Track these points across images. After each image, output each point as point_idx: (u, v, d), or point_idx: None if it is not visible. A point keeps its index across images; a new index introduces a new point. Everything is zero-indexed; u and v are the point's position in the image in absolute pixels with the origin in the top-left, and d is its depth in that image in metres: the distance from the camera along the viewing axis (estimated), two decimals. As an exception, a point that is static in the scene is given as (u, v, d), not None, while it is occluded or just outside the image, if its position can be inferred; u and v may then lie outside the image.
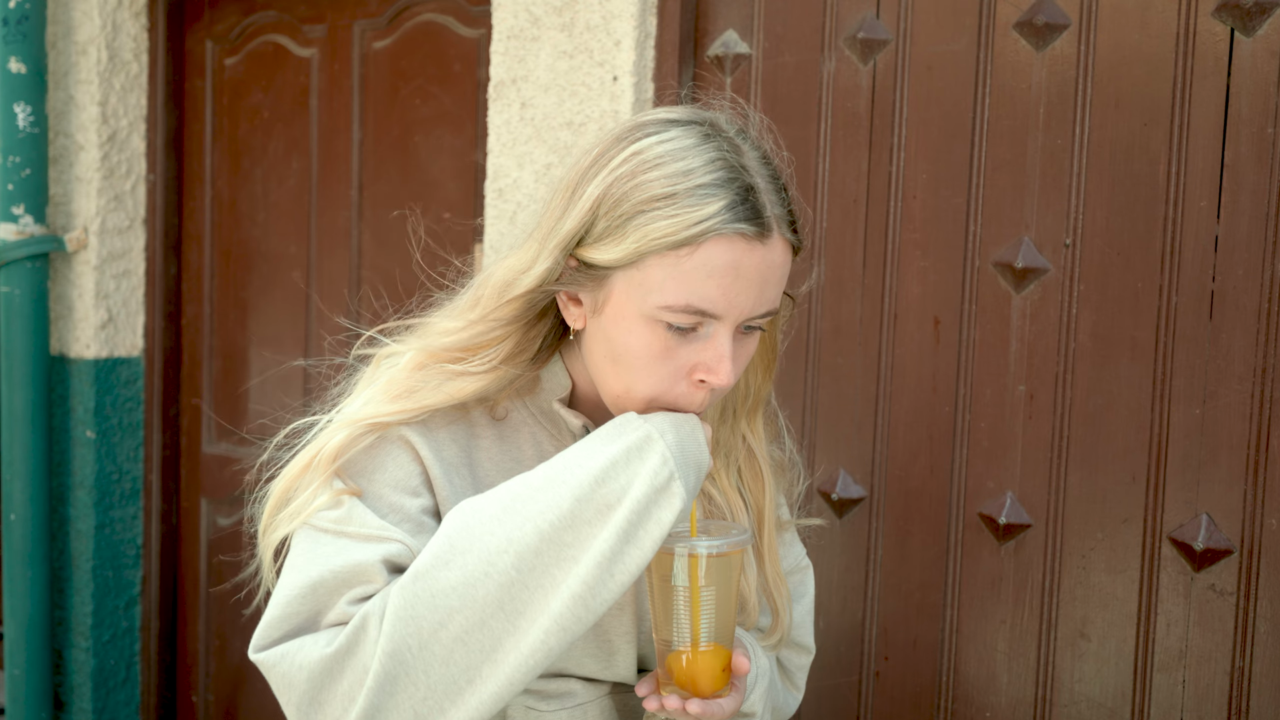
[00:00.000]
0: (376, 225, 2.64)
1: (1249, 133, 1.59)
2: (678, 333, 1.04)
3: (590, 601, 0.96)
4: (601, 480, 0.98)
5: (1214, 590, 1.64)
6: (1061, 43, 1.72)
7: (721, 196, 1.02)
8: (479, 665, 0.96)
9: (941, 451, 1.84)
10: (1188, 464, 1.65)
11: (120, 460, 2.99)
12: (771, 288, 1.06)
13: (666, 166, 1.04)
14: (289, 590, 1.03)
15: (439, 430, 1.12)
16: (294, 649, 1.00)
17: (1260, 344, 1.60)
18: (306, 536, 1.07)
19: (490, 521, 0.99)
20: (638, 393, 1.07)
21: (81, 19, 2.86)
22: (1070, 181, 1.72)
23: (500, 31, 2.15)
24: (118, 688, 3.03)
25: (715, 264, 1.02)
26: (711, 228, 1.01)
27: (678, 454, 1.00)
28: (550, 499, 0.98)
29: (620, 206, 1.04)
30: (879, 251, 1.88)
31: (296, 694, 0.99)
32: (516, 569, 0.96)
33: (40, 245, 2.83)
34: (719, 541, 1.07)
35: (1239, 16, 1.59)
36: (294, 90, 2.77)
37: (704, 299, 1.03)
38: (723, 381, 1.05)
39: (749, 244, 1.03)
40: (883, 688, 1.92)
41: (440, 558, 0.98)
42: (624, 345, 1.06)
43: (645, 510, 0.97)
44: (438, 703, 0.96)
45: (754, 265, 1.04)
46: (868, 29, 1.87)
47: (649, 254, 1.03)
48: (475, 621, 0.96)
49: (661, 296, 1.03)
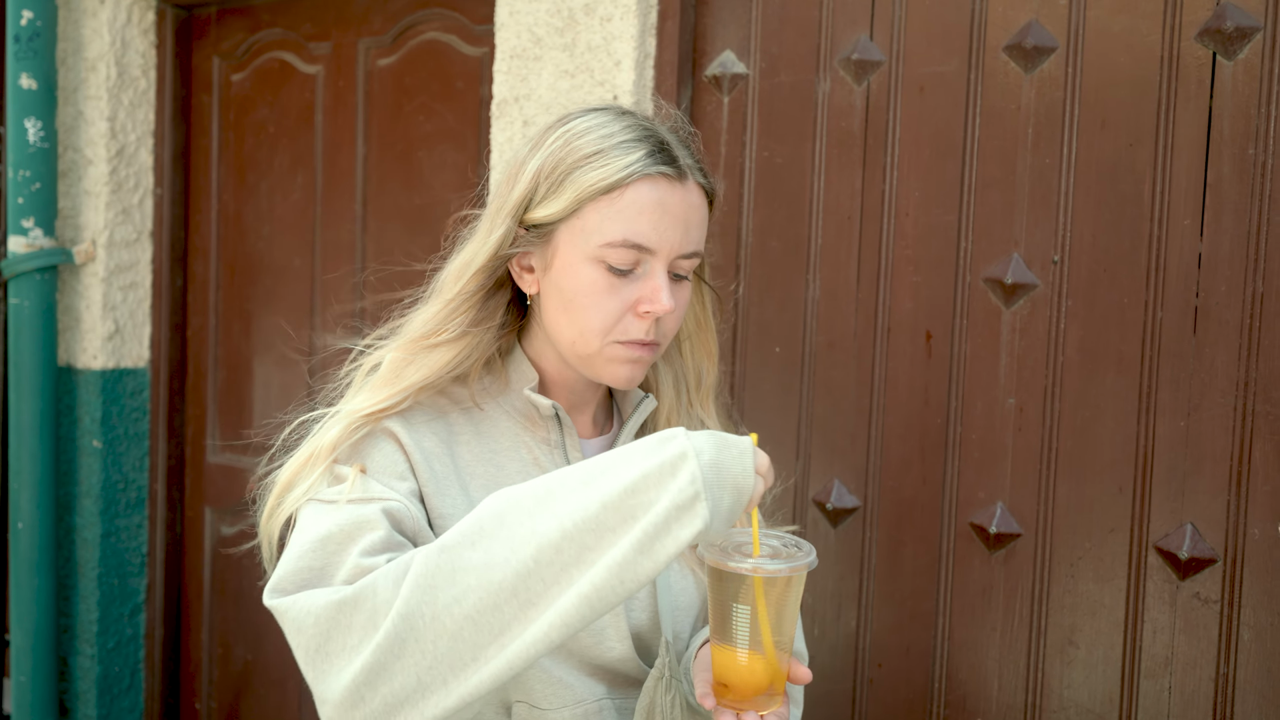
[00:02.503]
0: (380, 239, 2.68)
1: (1231, 153, 1.63)
2: (619, 274, 1.19)
3: (596, 603, 0.99)
4: (631, 491, 1.01)
5: (1199, 598, 1.68)
6: (1050, 65, 1.76)
7: (642, 147, 1.20)
8: (485, 645, 0.99)
9: (933, 462, 1.87)
10: (1173, 475, 1.68)
11: (126, 469, 3.01)
12: (695, 228, 1.23)
13: (593, 133, 1.21)
14: (300, 545, 1.09)
15: (420, 426, 1.22)
16: (306, 595, 1.04)
17: (1242, 358, 1.63)
18: (311, 508, 1.14)
19: (522, 512, 1.02)
20: (590, 331, 1.21)
21: (91, 36, 2.90)
22: (1058, 200, 1.76)
23: (503, 50, 2.19)
24: (122, 695, 3.06)
25: (644, 201, 1.19)
26: (637, 170, 1.18)
27: (711, 474, 1.03)
28: (581, 500, 1.01)
29: (557, 169, 1.21)
30: (872, 267, 1.92)
31: (305, 637, 1.02)
32: (535, 560, 0.99)
33: (49, 258, 2.87)
34: (783, 566, 1.08)
35: (1221, 41, 1.63)
36: (299, 106, 2.81)
37: (638, 233, 1.18)
38: (661, 307, 1.19)
39: (670, 184, 1.20)
40: (876, 695, 1.95)
41: (468, 537, 1.02)
42: (573, 290, 1.21)
43: (665, 526, 1.00)
44: (441, 675, 0.98)
45: (677, 203, 1.20)
46: (861, 50, 1.91)
47: (586, 201, 1.19)
48: (489, 603, 0.99)
49: (601, 235, 1.19)
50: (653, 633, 1.27)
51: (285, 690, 2.90)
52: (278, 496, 1.19)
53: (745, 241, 2.03)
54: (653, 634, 1.27)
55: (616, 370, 1.23)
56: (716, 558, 1.09)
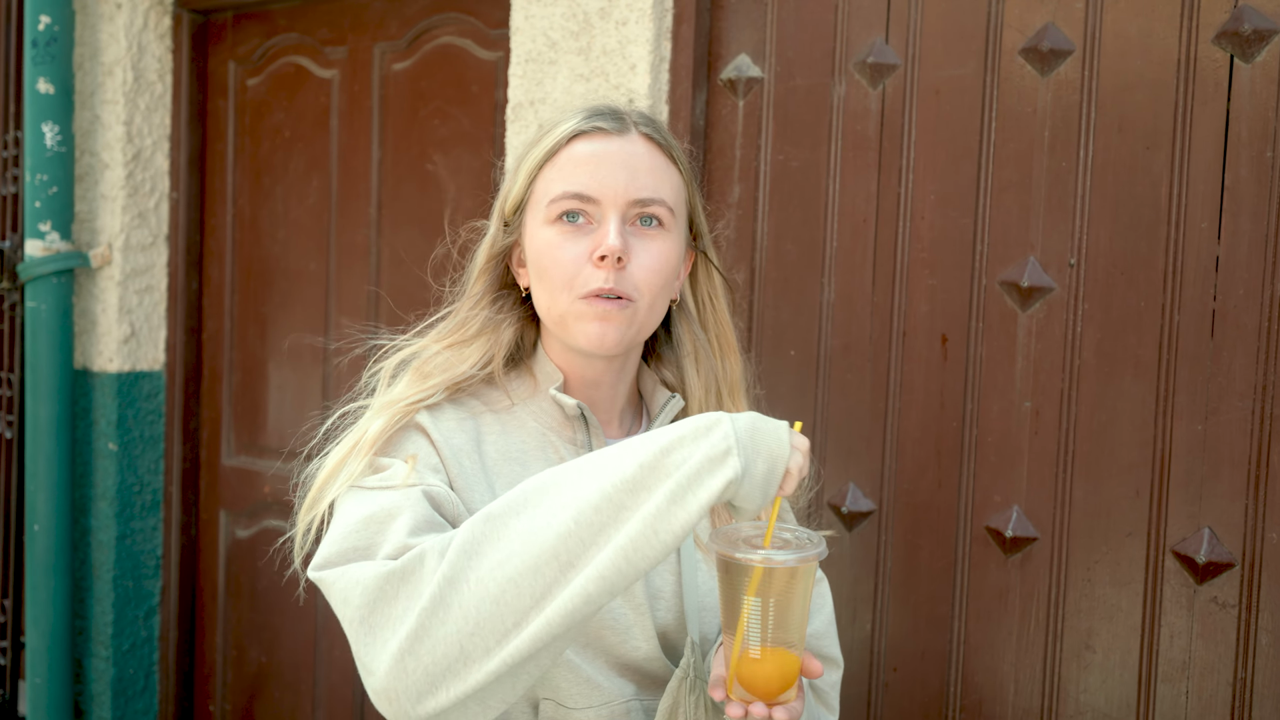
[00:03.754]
0: (395, 243, 2.69)
1: (1249, 156, 1.63)
2: (572, 227, 1.23)
3: (633, 556, 0.99)
4: (667, 451, 1.03)
5: (1216, 603, 1.67)
6: (1066, 68, 1.76)
7: (581, 114, 1.25)
8: (527, 610, 0.99)
9: (949, 466, 1.87)
10: (1190, 479, 1.68)
11: (141, 472, 3.03)
12: (643, 174, 1.24)
13: (549, 121, 1.29)
14: (345, 525, 1.11)
15: (449, 424, 1.25)
16: (354, 567, 1.05)
17: (1260, 362, 1.63)
18: (353, 495, 1.16)
19: (565, 484, 1.04)
20: (557, 289, 1.23)
21: (108, 40, 2.92)
22: (1075, 203, 1.75)
23: (518, 55, 2.20)
24: (136, 696, 3.07)
25: (579, 155, 1.23)
26: (571, 130, 1.24)
27: (746, 436, 1.05)
28: (619, 466, 1.03)
29: (519, 161, 1.29)
30: (888, 270, 1.92)
31: (351, 609, 1.03)
32: (575, 522, 1.00)
33: (66, 261, 2.88)
34: (792, 556, 1.08)
35: (1238, 44, 1.63)
36: (315, 110, 2.82)
37: (576, 183, 1.22)
38: (608, 245, 1.20)
39: (606, 136, 1.24)
40: (891, 698, 1.95)
41: (513, 506, 1.04)
42: (538, 253, 1.25)
43: (697, 476, 1.01)
44: (484, 641, 0.99)
45: (614, 151, 1.23)
46: (877, 54, 1.91)
47: (534, 174, 1.26)
48: (530, 566, 0.99)
49: (546, 195, 1.24)
50: (679, 633, 1.27)
51: (299, 693, 2.91)
52: (320, 487, 1.20)
53: (761, 245, 2.03)
54: (679, 634, 1.27)
55: (587, 328, 1.23)
56: (724, 548, 1.09)
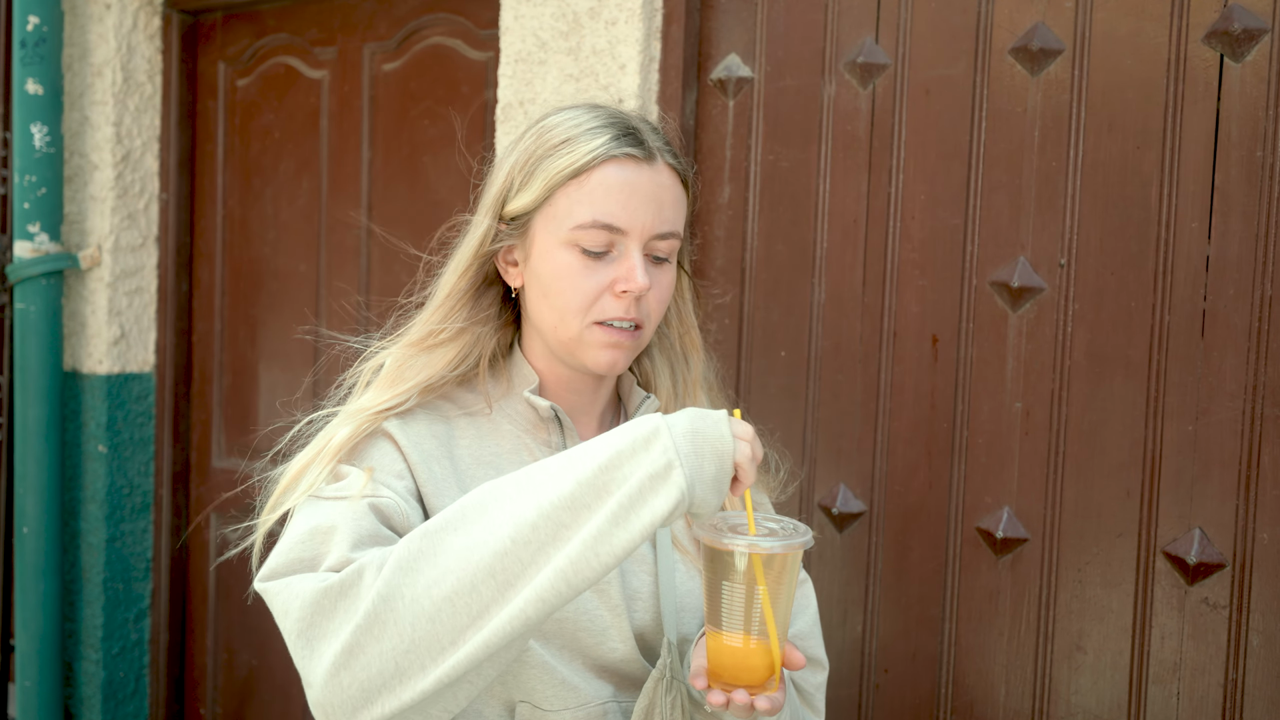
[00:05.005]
0: (385, 244, 2.68)
1: (1239, 156, 1.63)
2: (593, 257, 1.21)
3: (573, 578, 0.99)
4: (605, 468, 1.02)
5: (1207, 604, 1.67)
6: (1056, 68, 1.75)
7: (608, 131, 1.22)
8: (463, 628, 0.99)
9: (940, 467, 1.86)
10: (1181, 479, 1.68)
11: (131, 474, 3.02)
12: (668, 208, 1.23)
13: (562, 125, 1.24)
14: (292, 537, 1.11)
15: (420, 428, 1.24)
16: (295, 580, 1.05)
17: (1251, 362, 1.63)
18: (307, 504, 1.16)
19: (503, 499, 1.03)
20: (569, 313, 1.22)
21: (97, 41, 2.91)
22: (1065, 203, 1.75)
23: (508, 55, 2.19)
24: (127, 700, 3.06)
25: (611, 182, 1.20)
26: (602, 153, 1.20)
27: (687, 445, 1.03)
28: (557, 483, 1.02)
29: (529, 161, 1.24)
30: (878, 271, 1.91)
31: (291, 620, 1.03)
32: (513, 540, 1.00)
33: (55, 263, 2.87)
34: (777, 543, 1.07)
35: (1228, 43, 1.62)
36: (304, 111, 2.82)
37: (607, 213, 1.20)
38: (637, 285, 1.19)
39: (637, 165, 1.21)
40: (882, 700, 1.94)
41: (450, 522, 1.03)
42: (550, 275, 1.22)
43: (639, 496, 1.01)
44: (419, 659, 0.98)
45: (646, 182, 1.21)
46: (867, 54, 1.90)
47: (556, 188, 1.21)
48: (466, 584, 0.99)
49: (571, 219, 1.20)
50: (656, 634, 1.27)
51: (290, 696, 2.90)
52: (281, 492, 1.20)
53: (750, 245, 2.03)
54: (657, 635, 1.27)
55: (598, 355, 1.23)
56: (710, 535, 1.08)
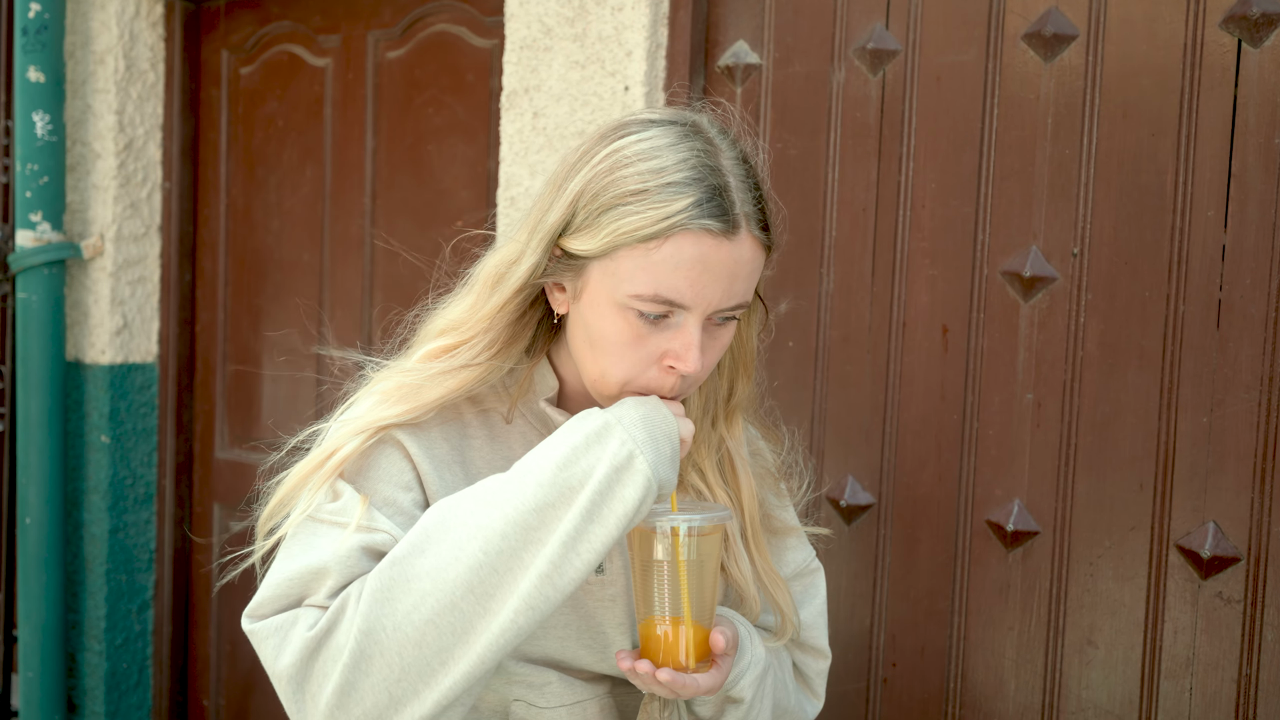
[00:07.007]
0: (389, 233, 2.67)
1: (1256, 143, 1.60)
2: (648, 321, 1.10)
3: (557, 580, 0.99)
4: (564, 466, 1.02)
5: (1221, 598, 1.65)
6: (1069, 54, 1.73)
7: (690, 194, 1.07)
8: (451, 647, 0.99)
9: (950, 459, 1.85)
10: (1195, 472, 1.66)
11: (134, 465, 3.01)
12: (740, 282, 1.11)
13: (641, 164, 1.09)
14: (284, 571, 1.08)
15: (431, 429, 1.17)
16: (287, 624, 1.04)
17: (1267, 353, 1.60)
18: (305, 526, 1.12)
19: (464, 514, 1.03)
20: (612, 377, 1.13)
21: (99, 29, 2.90)
22: (1078, 191, 1.73)
23: (513, 42, 2.17)
24: (130, 691, 3.05)
25: (682, 257, 1.07)
26: (678, 223, 1.06)
27: (641, 433, 1.04)
28: (517, 488, 1.02)
29: (597, 200, 1.09)
30: (888, 260, 1.89)
31: (281, 666, 1.03)
32: (484, 552, 0.99)
33: (57, 252, 2.86)
34: (697, 517, 1.09)
35: (1246, 28, 1.60)
36: (308, 99, 2.80)
37: (671, 290, 1.07)
38: (690, 368, 1.09)
39: (715, 240, 1.07)
40: (891, 694, 1.93)
41: (416, 546, 1.02)
42: (599, 331, 1.12)
43: (608, 488, 1.01)
44: (411, 684, 0.99)
45: (721, 260, 1.08)
46: (877, 40, 1.88)
47: (621, 246, 1.08)
48: (446, 604, 0.99)
49: (632, 286, 1.08)
50: None
51: (293, 687, 2.89)
52: (280, 501, 1.17)
53: (758, 234, 2.01)
54: None
55: None
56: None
